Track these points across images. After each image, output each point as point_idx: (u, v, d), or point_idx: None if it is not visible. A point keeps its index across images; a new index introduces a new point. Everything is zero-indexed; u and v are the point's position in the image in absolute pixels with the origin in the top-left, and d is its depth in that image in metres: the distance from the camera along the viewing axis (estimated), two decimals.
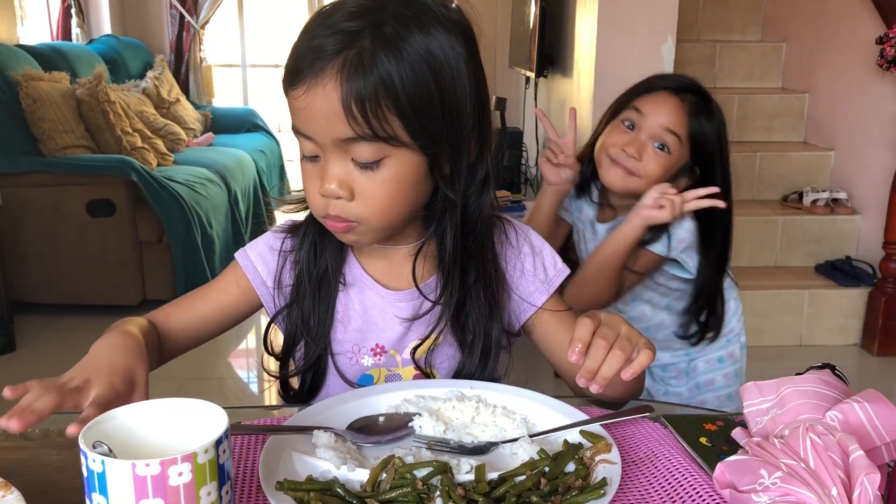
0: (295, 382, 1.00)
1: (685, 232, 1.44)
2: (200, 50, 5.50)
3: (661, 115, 1.43)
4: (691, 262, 1.45)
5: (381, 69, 0.78)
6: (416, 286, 0.92)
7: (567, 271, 1.00)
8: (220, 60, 5.90)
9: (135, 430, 0.61)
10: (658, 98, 1.45)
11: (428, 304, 0.93)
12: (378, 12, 0.80)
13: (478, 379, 0.92)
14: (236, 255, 1.00)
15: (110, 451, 0.57)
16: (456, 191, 0.87)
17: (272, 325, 0.98)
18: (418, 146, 0.82)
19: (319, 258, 0.94)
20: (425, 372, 0.96)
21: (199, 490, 0.56)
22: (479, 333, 0.93)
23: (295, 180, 0.99)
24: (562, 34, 3.77)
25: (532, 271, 0.97)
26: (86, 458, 0.55)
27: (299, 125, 0.83)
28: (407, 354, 0.96)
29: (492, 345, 0.94)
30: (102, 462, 0.54)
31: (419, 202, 0.88)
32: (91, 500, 0.56)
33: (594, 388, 0.75)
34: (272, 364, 1.00)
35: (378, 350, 0.96)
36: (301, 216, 0.98)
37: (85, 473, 0.56)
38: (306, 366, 0.96)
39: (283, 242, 0.98)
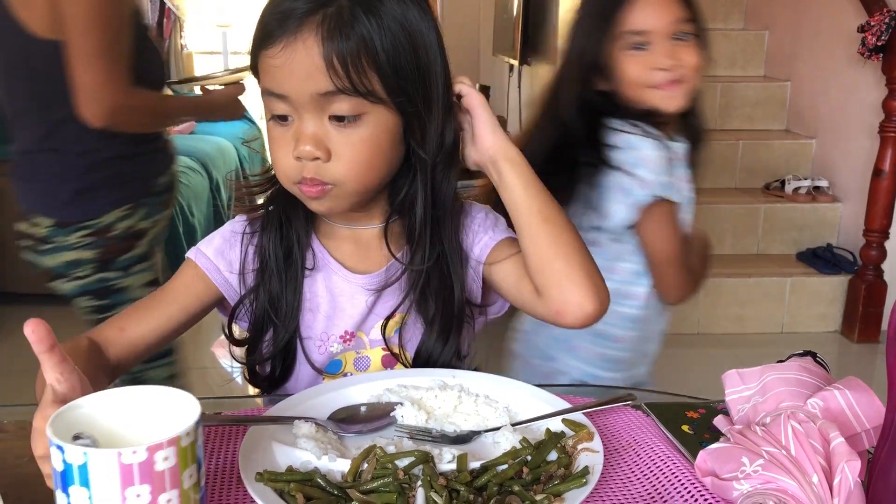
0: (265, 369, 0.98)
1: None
2: (181, 37, 5.44)
3: (662, 18, 1.27)
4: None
5: (362, 26, 0.80)
6: (389, 249, 0.92)
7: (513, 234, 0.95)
8: (201, 48, 5.84)
9: (98, 420, 0.60)
10: (645, 5, 1.27)
11: (395, 275, 0.92)
12: None
13: (442, 353, 0.92)
14: (190, 254, 0.97)
15: (94, 442, 0.56)
16: (427, 151, 0.87)
17: (236, 312, 0.95)
18: (395, 104, 0.83)
19: (285, 237, 0.93)
20: (393, 352, 0.95)
21: (182, 473, 0.55)
22: (440, 306, 0.92)
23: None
24: (545, 22, 3.76)
25: (482, 231, 0.96)
26: (62, 451, 0.53)
27: (273, 85, 0.83)
28: (375, 335, 0.95)
29: (453, 316, 0.93)
30: (84, 454, 0.53)
31: (393, 167, 0.89)
32: (68, 495, 0.54)
33: None
34: (237, 351, 0.98)
35: (347, 336, 0.95)
36: (260, 201, 0.96)
37: (60, 468, 0.53)
38: (275, 350, 0.94)
39: (245, 226, 0.96)
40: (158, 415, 0.60)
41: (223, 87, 1.86)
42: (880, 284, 3.13)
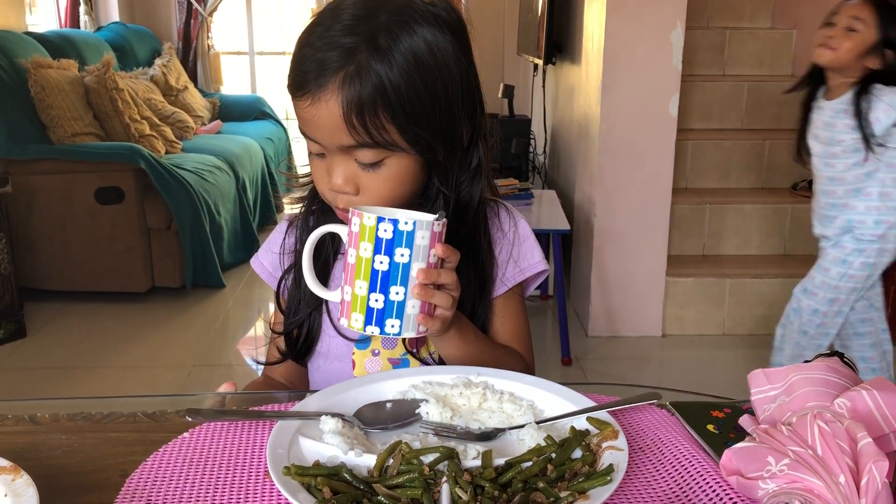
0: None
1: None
2: (208, 37, 5.50)
3: (849, 9, 2.18)
4: None
5: (378, 83, 0.84)
6: None
7: (543, 268, 1.03)
8: (227, 48, 5.89)
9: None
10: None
11: None
12: (371, 22, 0.85)
13: None
14: (252, 263, 1.10)
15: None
16: (450, 184, 0.93)
17: (280, 287, 1.04)
18: (414, 151, 0.89)
19: (318, 223, 1.00)
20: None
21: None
22: (467, 314, 0.96)
23: (300, 158, 1.05)
24: (570, 21, 3.75)
25: (507, 259, 1.01)
26: (395, 223, 0.78)
27: (306, 130, 0.90)
28: None
29: (477, 324, 0.98)
30: (414, 223, 0.78)
31: (417, 192, 0.94)
32: (392, 255, 0.78)
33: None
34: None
35: None
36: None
37: (388, 236, 0.78)
38: (299, 321, 1.01)
39: (289, 223, 1.06)
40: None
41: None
42: None
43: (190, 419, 0.77)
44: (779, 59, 4.05)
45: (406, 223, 0.79)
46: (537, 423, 0.77)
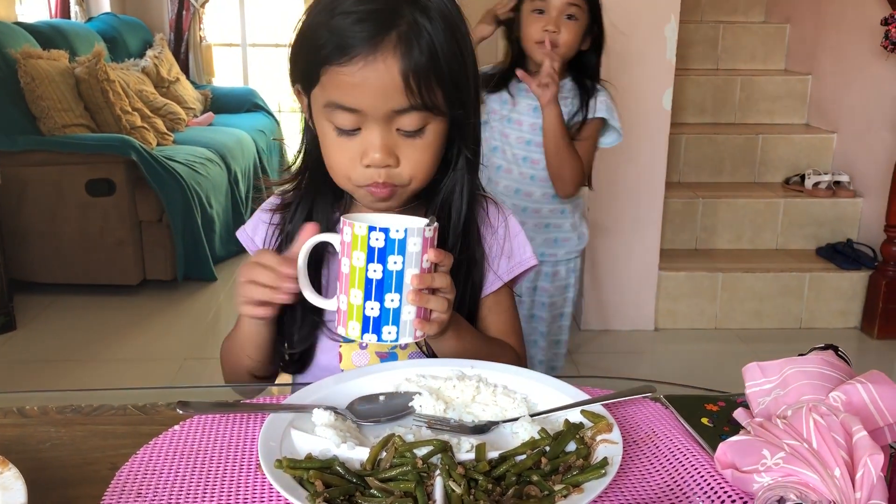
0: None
1: (602, 96, 1.91)
2: (200, 29, 5.46)
3: None
4: (617, 122, 1.93)
5: (430, 42, 0.83)
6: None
7: (534, 262, 1.03)
8: (220, 40, 5.86)
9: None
10: None
11: None
12: None
13: None
14: (238, 234, 1.05)
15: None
16: (471, 151, 0.94)
17: None
18: (452, 113, 0.88)
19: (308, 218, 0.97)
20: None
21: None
22: (461, 292, 0.96)
23: (292, 150, 1.02)
24: None
25: (499, 253, 1.01)
26: (386, 232, 0.78)
27: (346, 100, 0.85)
28: None
29: (469, 317, 0.98)
30: (405, 230, 0.78)
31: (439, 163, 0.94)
32: (385, 264, 0.78)
33: None
34: None
35: None
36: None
37: (379, 244, 0.78)
38: (300, 334, 0.98)
39: (272, 216, 1.02)
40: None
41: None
42: None
43: (181, 412, 0.76)
44: (772, 53, 4.05)
45: (397, 231, 0.79)
46: (531, 416, 0.77)
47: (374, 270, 0.79)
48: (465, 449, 0.70)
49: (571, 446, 0.72)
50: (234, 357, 0.99)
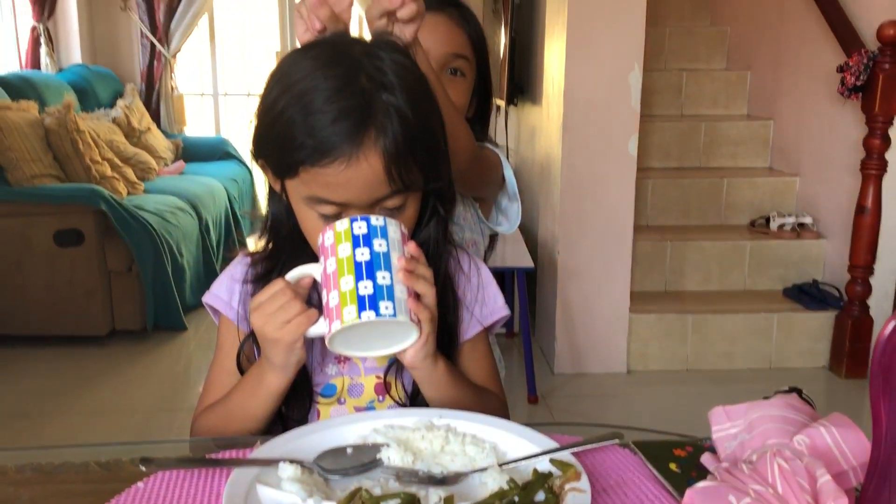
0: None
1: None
2: (172, 79, 5.48)
3: (443, 44, 1.27)
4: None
5: (405, 124, 0.83)
6: None
7: (506, 312, 1.03)
8: (191, 89, 5.88)
9: None
10: (428, 25, 1.15)
11: None
12: (359, 66, 0.84)
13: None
14: (205, 299, 1.01)
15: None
16: (448, 210, 0.95)
17: (242, 349, 0.97)
18: (428, 187, 0.90)
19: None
20: (386, 380, 0.97)
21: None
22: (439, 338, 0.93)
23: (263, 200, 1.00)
24: (531, 63, 3.82)
25: (472, 302, 1.00)
26: (367, 220, 0.82)
27: (331, 196, 0.85)
28: (371, 362, 0.97)
29: (452, 347, 0.98)
30: (384, 219, 0.83)
31: None
32: (371, 246, 0.81)
33: None
34: None
35: (343, 359, 0.98)
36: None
37: (363, 231, 0.81)
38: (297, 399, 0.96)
39: (245, 273, 0.98)
40: None
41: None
42: (866, 320, 3.14)
43: (143, 468, 0.75)
44: (734, 99, 4.16)
45: (377, 219, 0.83)
46: (500, 465, 0.77)
47: (362, 253, 0.81)
48: (433, 501, 0.70)
49: (540, 496, 0.72)
50: (235, 424, 0.94)
